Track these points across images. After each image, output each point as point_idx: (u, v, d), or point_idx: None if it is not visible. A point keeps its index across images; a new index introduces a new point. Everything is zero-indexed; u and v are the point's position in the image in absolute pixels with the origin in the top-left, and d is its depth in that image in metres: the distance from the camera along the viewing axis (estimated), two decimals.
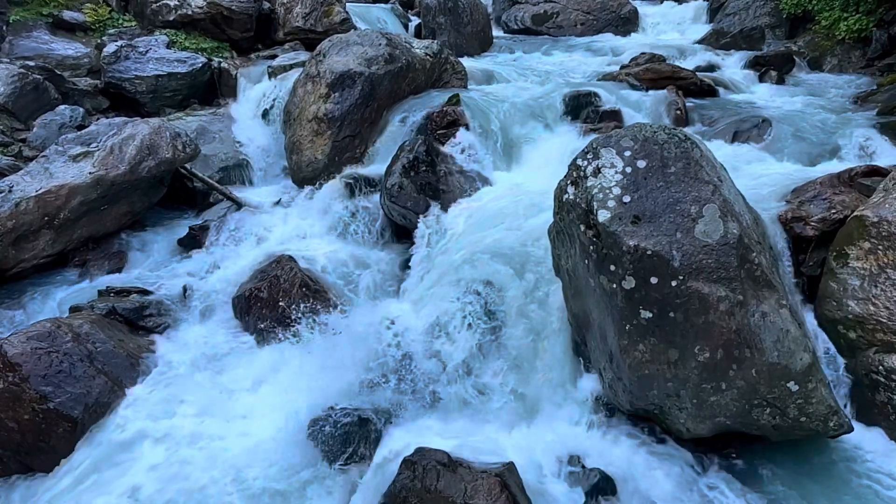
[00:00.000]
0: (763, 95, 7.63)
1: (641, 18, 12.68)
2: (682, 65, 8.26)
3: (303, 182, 6.69)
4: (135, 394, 4.32)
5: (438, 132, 5.97)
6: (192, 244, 6.00)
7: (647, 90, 6.98)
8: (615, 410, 3.90)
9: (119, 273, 5.71)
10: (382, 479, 3.57)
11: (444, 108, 6.24)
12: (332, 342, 4.60)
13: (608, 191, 3.47)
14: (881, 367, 3.65)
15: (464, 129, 6.04)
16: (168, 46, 8.89)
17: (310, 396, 4.17)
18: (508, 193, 5.46)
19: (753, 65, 8.71)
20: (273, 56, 9.21)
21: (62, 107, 7.49)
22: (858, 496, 3.36)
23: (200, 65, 8.60)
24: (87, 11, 9.64)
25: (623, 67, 8.13)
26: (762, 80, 8.34)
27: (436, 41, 7.91)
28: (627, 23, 12.49)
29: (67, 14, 9.43)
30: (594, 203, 3.46)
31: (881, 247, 3.72)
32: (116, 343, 4.53)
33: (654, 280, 3.33)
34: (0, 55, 8.40)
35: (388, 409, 4.11)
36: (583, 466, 3.61)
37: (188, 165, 6.60)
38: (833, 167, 4.98)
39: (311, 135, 6.63)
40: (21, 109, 7.44)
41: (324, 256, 5.42)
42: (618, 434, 3.82)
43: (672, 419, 3.61)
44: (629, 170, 3.50)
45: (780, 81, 8.34)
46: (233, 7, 9.58)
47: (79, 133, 6.22)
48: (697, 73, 7.55)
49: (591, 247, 3.50)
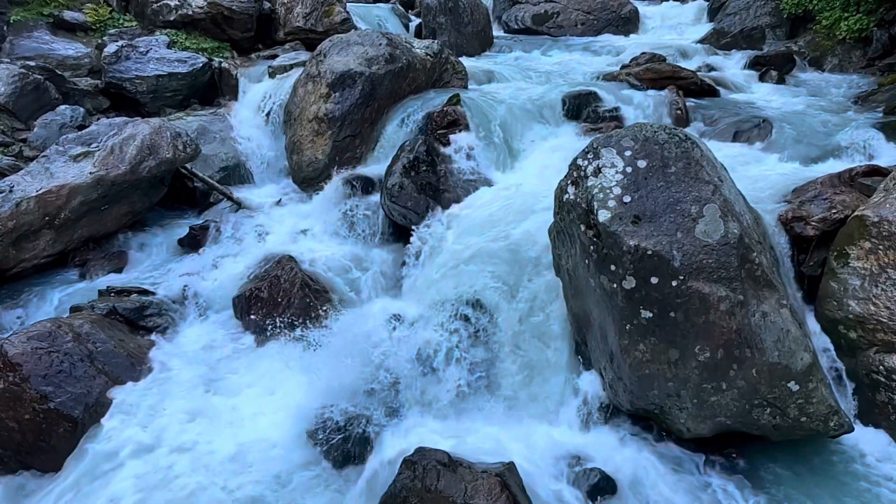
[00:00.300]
0: (763, 95, 7.62)
1: (642, 18, 12.69)
2: (683, 65, 8.25)
3: (303, 182, 6.70)
4: (135, 394, 4.30)
5: (439, 132, 5.97)
6: (193, 244, 5.99)
7: (648, 90, 6.97)
8: (615, 410, 3.90)
9: (119, 273, 5.71)
10: (382, 480, 3.56)
11: (445, 108, 6.23)
12: (333, 342, 4.59)
13: (608, 191, 3.47)
14: (882, 367, 3.65)
15: (464, 130, 6.03)
16: (169, 46, 8.88)
17: (310, 396, 4.16)
18: (508, 193, 5.44)
19: (754, 64, 8.72)
20: (273, 56, 9.19)
21: (63, 107, 7.48)
22: (859, 496, 3.36)
23: (201, 65, 8.58)
24: (88, 11, 9.63)
25: (623, 67, 8.12)
26: (763, 80, 8.35)
27: (436, 41, 7.91)
28: (628, 23, 12.50)
29: (68, 14, 9.41)
30: (594, 203, 3.46)
31: (882, 246, 3.72)
32: (117, 343, 4.53)
33: (655, 280, 3.33)
34: (1, 55, 8.40)
35: (388, 409, 4.11)
36: (583, 466, 3.61)
37: (189, 165, 6.60)
38: (833, 167, 4.98)
39: (312, 135, 6.63)
40: (22, 109, 7.44)
41: (324, 256, 5.42)
42: (618, 434, 3.82)
43: (672, 419, 3.61)
44: (630, 170, 3.50)
45: (781, 81, 8.34)
46: (233, 7, 9.58)
47: (79, 133, 6.21)
48: (698, 73, 7.54)
49: (592, 247, 3.50)
